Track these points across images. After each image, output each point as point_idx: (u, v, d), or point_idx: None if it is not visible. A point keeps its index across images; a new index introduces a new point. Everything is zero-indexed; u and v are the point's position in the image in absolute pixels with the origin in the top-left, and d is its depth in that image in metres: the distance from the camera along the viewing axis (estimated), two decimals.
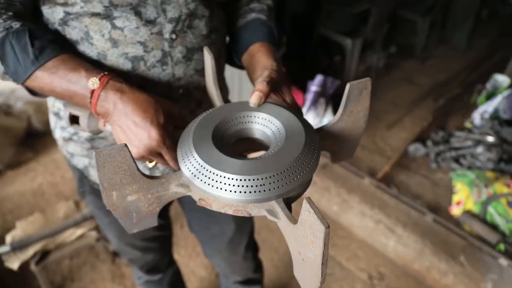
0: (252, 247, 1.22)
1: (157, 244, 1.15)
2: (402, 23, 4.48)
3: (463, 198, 2.05)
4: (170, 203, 1.01)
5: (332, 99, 2.77)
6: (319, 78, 2.66)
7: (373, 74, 3.54)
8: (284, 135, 0.53)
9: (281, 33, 0.80)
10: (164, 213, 1.10)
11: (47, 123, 2.87)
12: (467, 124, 2.75)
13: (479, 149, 2.31)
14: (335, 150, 0.65)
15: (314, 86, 2.63)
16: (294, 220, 0.45)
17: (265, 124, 0.57)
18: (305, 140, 0.51)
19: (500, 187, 2.02)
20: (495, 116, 2.70)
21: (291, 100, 0.61)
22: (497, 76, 3.13)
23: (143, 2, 0.66)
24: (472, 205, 2.02)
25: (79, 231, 1.60)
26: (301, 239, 0.43)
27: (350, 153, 0.68)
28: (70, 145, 0.84)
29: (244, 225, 1.12)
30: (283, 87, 0.62)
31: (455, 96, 3.27)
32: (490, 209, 1.96)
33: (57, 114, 0.84)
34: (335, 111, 2.68)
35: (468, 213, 1.99)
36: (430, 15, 4.15)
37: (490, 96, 2.95)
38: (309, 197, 0.40)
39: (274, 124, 0.56)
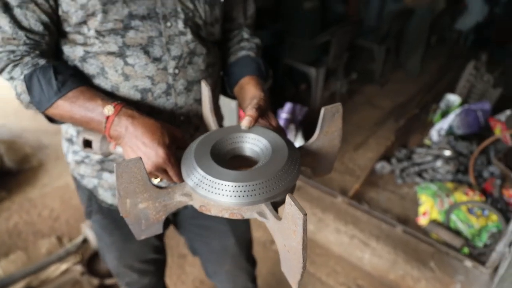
0: (252, 261, 1.29)
1: (154, 267, 1.20)
2: (361, 51, 4.83)
3: (428, 208, 2.22)
4: (166, 228, 1.12)
5: (301, 125, 2.94)
6: (288, 106, 2.84)
7: (337, 99, 3.78)
8: (270, 151, 0.65)
9: (268, 68, 0.94)
10: (160, 236, 1.17)
11: (19, 162, 2.87)
12: (426, 141, 2.99)
13: (438, 163, 2.52)
14: (314, 165, 0.76)
15: (284, 114, 2.80)
16: (279, 218, 0.56)
17: (254, 143, 0.69)
18: (288, 155, 0.63)
19: (460, 196, 2.22)
20: (450, 132, 2.95)
21: (276, 124, 0.74)
22: (449, 96, 3.44)
23: (151, 43, 0.79)
24: (436, 215, 2.19)
25: (63, 266, 1.61)
26: (285, 232, 0.54)
27: (328, 169, 0.80)
28: (81, 167, 0.94)
29: (243, 239, 1.19)
30: (269, 113, 0.74)
31: (413, 116, 3.53)
32: (453, 217, 2.14)
33: (69, 140, 0.94)
34: (304, 135, 2.84)
35: (433, 222, 2.16)
36: (385, 43, 4.50)
37: (444, 114, 3.22)
38: (291, 194, 0.51)
39: (262, 143, 0.68)
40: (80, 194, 1.03)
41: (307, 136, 2.82)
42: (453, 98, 3.39)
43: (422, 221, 2.21)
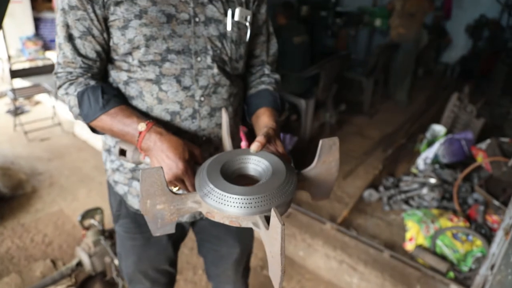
0: (248, 269, 1.44)
1: (165, 280, 1.30)
2: (350, 83, 5.03)
3: (414, 234, 2.31)
4: (179, 246, 1.27)
5: (291, 154, 3.05)
6: None
7: (327, 130, 3.92)
8: (270, 172, 0.75)
9: (284, 101, 1.08)
10: (175, 252, 1.28)
11: (13, 188, 2.93)
12: (413, 170, 3.10)
13: (424, 190, 2.63)
14: (313, 190, 0.86)
15: None
16: (268, 228, 0.66)
17: (258, 164, 0.80)
18: (285, 177, 0.73)
19: (444, 222, 2.31)
20: (436, 161, 3.08)
21: (282, 150, 0.85)
22: (435, 126, 3.59)
23: (183, 74, 0.93)
24: (422, 240, 2.27)
25: None
26: (270, 240, 0.64)
27: (326, 194, 0.89)
28: (116, 175, 1.08)
29: (246, 250, 1.33)
30: (277, 141, 0.86)
31: (401, 146, 3.67)
32: (438, 242, 2.22)
33: (108, 151, 1.09)
34: (294, 164, 2.94)
35: (420, 247, 2.24)
36: (373, 76, 4.71)
37: (430, 144, 3.35)
38: (275, 208, 0.62)
39: (264, 164, 0.79)
40: (112, 199, 1.17)
41: (296, 164, 2.93)
42: (439, 128, 3.55)
43: (409, 246, 2.29)
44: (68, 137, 4.02)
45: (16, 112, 4.07)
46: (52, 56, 5.24)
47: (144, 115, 0.92)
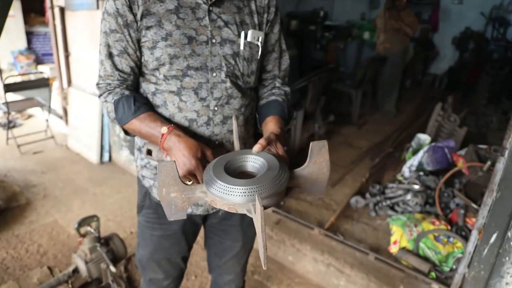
0: (246, 265, 1.59)
1: (175, 273, 1.45)
2: (339, 95, 5.21)
3: (398, 237, 2.44)
4: (192, 244, 1.44)
5: None
6: None
7: (316, 140, 4.05)
8: (266, 168, 0.89)
9: (292, 111, 1.23)
10: (188, 249, 1.43)
11: (7, 200, 3.02)
12: (399, 177, 3.25)
13: (408, 196, 2.77)
14: (307, 187, 0.98)
15: None
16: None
17: (255, 162, 0.94)
18: (277, 172, 0.87)
19: (427, 225, 2.44)
20: (420, 168, 3.23)
21: (282, 152, 0.98)
22: (420, 135, 3.76)
23: (200, 87, 1.10)
24: (406, 243, 2.40)
25: None
26: (256, 223, 0.78)
27: (320, 191, 1.01)
28: (144, 170, 1.26)
29: (248, 244, 1.48)
30: (278, 144, 0.99)
31: (387, 155, 3.82)
32: (421, 244, 2.35)
33: (139, 149, 1.26)
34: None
35: (403, 249, 2.36)
36: (361, 87, 4.89)
37: (415, 152, 3.50)
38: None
39: (261, 162, 0.93)
40: (139, 191, 1.34)
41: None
42: (424, 137, 3.71)
43: (393, 249, 2.42)
44: (61, 150, 4.12)
45: (9, 125, 4.17)
46: (44, 70, 5.37)
47: (167, 121, 1.09)
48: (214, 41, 1.09)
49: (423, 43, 7.71)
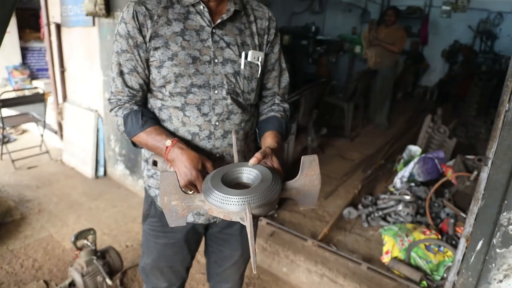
0: (244, 274, 1.64)
1: (177, 282, 1.50)
2: (332, 108, 5.31)
3: (390, 247, 2.49)
4: (194, 253, 1.50)
5: None
6: None
7: (309, 153, 4.13)
8: (259, 180, 0.96)
9: (290, 127, 1.30)
10: (190, 258, 1.48)
11: (1, 215, 3.03)
12: (390, 188, 3.32)
13: (400, 207, 2.83)
14: (299, 199, 1.05)
15: None
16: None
17: (250, 174, 1.01)
18: (270, 184, 0.94)
19: (418, 235, 2.50)
20: (412, 179, 3.31)
21: (277, 165, 1.05)
22: (411, 147, 3.85)
23: (202, 103, 1.17)
24: (398, 252, 2.46)
25: None
26: (248, 230, 0.84)
27: (312, 203, 1.08)
28: (151, 180, 1.33)
29: (246, 254, 1.52)
30: (273, 157, 1.06)
31: (379, 166, 3.90)
32: (413, 254, 2.41)
33: (146, 161, 1.34)
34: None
35: (395, 259, 2.42)
36: (353, 100, 4.99)
37: (407, 163, 3.59)
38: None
39: (255, 173, 1.00)
40: (145, 200, 1.41)
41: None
42: (414, 149, 3.80)
43: (385, 259, 2.47)
44: (56, 164, 4.15)
45: (3, 140, 4.19)
46: (39, 85, 5.42)
47: (171, 134, 1.17)
48: (216, 60, 1.16)
49: (414, 56, 7.89)
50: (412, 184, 3.18)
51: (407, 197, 2.90)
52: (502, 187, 1.55)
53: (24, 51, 6.37)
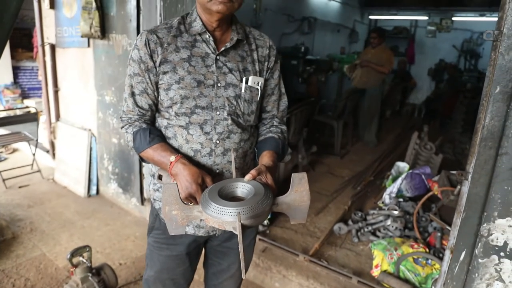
0: (240, 285, 1.72)
1: None
2: (322, 126, 5.44)
3: (380, 261, 2.57)
4: (195, 266, 1.58)
5: None
6: None
7: (300, 170, 4.23)
8: (252, 194, 1.06)
9: (286, 147, 1.40)
10: (191, 271, 1.56)
11: None
12: (380, 204, 3.42)
13: (388, 222, 2.93)
14: (290, 213, 1.14)
15: None
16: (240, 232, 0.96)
17: (244, 188, 1.11)
18: (261, 197, 1.04)
19: (406, 249, 2.59)
20: (400, 195, 3.41)
21: (271, 182, 1.15)
22: (399, 163, 3.97)
23: (205, 123, 1.27)
24: (387, 266, 2.54)
25: None
26: (239, 238, 0.93)
27: (302, 218, 1.16)
28: (156, 194, 1.43)
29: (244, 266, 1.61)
30: (268, 175, 1.16)
31: (369, 183, 4.00)
32: (402, 267, 2.49)
33: (152, 176, 1.44)
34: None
35: (385, 272, 2.49)
36: (342, 119, 5.13)
37: (395, 180, 3.69)
38: (242, 223, 0.94)
39: (248, 188, 1.10)
40: (150, 213, 1.51)
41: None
42: (402, 165, 3.92)
43: (375, 272, 2.54)
44: (47, 183, 4.17)
45: None
46: (30, 104, 5.47)
47: (175, 151, 1.28)
48: (219, 84, 1.28)
49: (401, 75, 8.13)
50: (401, 199, 3.28)
51: (396, 212, 3.00)
52: (481, 199, 1.65)
53: (15, 70, 6.44)
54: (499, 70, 1.47)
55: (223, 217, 0.98)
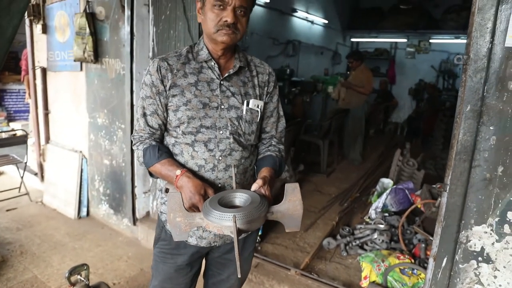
0: None
1: None
2: (308, 145, 5.62)
3: (368, 272, 2.69)
4: (197, 276, 1.68)
5: None
6: None
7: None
8: (249, 202, 1.18)
9: (283, 165, 1.52)
10: (193, 282, 1.65)
11: None
12: (366, 219, 3.56)
13: (375, 235, 3.07)
14: (284, 221, 1.25)
15: None
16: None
17: (241, 197, 1.23)
18: (256, 205, 1.16)
19: (393, 260, 2.72)
20: (385, 210, 3.57)
21: (268, 193, 1.27)
22: (383, 179, 4.14)
23: (209, 141, 1.40)
24: (375, 277, 2.66)
25: None
26: (234, 241, 1.06)
27: (296, 226, 1.28)
28: (163, 207, 1.54)
29: (242, 277, 1.74)
30: (266, 186, 1.29)
31: (355, 199, 4.16)
32: (389, 278, 2.62)
33: (160, 190, 1.55)
34: None
35: (373, 283, 2.61)
36: (328, 138, 5.31)
37: (380, 195, 3.86)
38: (239, 227, 1.07)
39: (245, 197, 1.22)
40: (157, 225, 1.63)
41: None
42: (387, 181, 4.10)
43: (364, 284, 2.66)
44: (36, 206, 4.19)
45: None
46: (16, 127, 5.51)
47: (181, 166, 1.39)
48: (222, 107, 1.42)
49: (383, 95, 8.45)
50: (386, 214, 3.43)
51: (382, 226, 3.15)
52: (458, 208, 1.81)
53: (1, 93, 6.48)
54: (469, 90, 1.65)
55: (222, 222, 1.11)
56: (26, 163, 4.22)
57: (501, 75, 1.57)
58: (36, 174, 4.54)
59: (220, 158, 1.42)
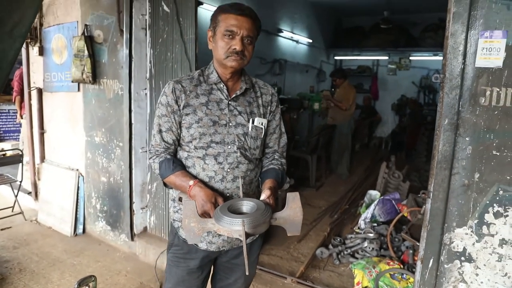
0: None
1: None
2: (296, 161, 5.81)
3: (360, 279, 2.86)
4: (207, 281, 1.83)
5: None
6: None
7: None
8: (255, 209, 1.35)
9: (285, 177, 1.68)
10: (205, 284, 1.79)
11: None
12: (356, 229, 3.74)
13: (365, 244, 3.24)
14: (286, 226, 1.41)
15: None
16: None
17: (248, 205, 1.39)
18: (262, 211, 1.32)
19: (383, 266, 2.90)
20: (374, 220, 3.76)
21: (272, 202, 1.43)
22: (371, 191, 4.34)
23: (218, 155, 1.56)
24: (367, 283, 2.83)
25: None
26: (243, 242, 1.24)
27: (297, 231, 1.43)
28: (176, 215, 1.69)
29: (248, 281, 1.87)
30: (272, 196, 1.44)
31: (344, 211, 4.34)
32: (380, 283, 2.78)
33: (173, 200, 1.71)
34: None
35: None
36: (316, 153, 5.52)
37: (368, 207, 4.05)
38: (247, 231, 1.25)
39: (252, 205, 1.38)
40: (170, 232, 1.76)
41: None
42: (374, 193, 4.30)
43: None
44: (31, 225, 4.24)
45: None
46: (6, 147, 5.55)
47: (193, 177, 1.55)
48: (230, 124, 1.58)
49: (367, 110, 8.75)
50: (375, 224, 3.62)
51: (371, 235, 3.33)
52: (441, 213, 2.01)
53: None
54: (446, 106, 1.87)
55: (232, 227, 1.26)
56: (20, 182, 4.29)
57: (473, 92, 1.79)
58: (29, 193, 4.60)
59: (229, 170, 1.57)
